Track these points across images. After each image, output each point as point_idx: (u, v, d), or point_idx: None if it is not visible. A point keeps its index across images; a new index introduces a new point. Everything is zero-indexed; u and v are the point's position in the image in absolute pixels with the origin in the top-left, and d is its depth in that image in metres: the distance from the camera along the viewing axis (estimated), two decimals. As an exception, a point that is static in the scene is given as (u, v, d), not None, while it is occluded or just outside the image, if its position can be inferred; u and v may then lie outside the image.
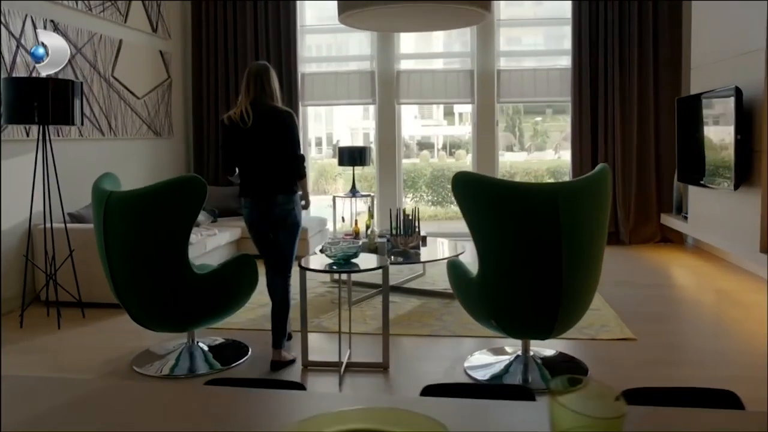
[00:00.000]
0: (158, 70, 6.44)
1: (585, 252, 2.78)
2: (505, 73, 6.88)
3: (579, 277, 2.79)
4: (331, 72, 7.20)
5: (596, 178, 2.83)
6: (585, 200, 2.75)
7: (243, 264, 3.27)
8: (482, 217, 2.78)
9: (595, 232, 2.82)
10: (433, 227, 7.99)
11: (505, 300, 2.87)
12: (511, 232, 2.75)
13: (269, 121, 3.28)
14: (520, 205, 2.72)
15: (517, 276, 2.80)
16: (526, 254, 2.75)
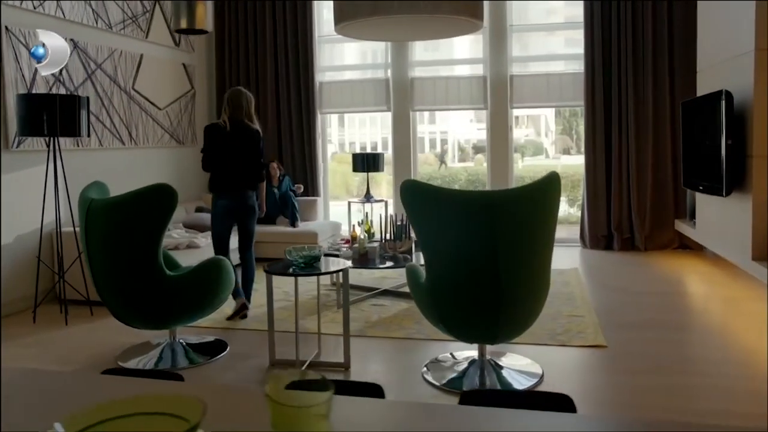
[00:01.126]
0: (181, 81, 6.78)
1: (525, 259, 2.83)
2: (517, 79, 6.88)
3: (519, 283, 2.84)
4: (347, 80, 7.39)
5: (536, 187, 2.87)
6: (524, 208, 2.80)
7: (216, 267, 3.47)
8: (425, 224, 2.87)
9: (537, 239, 2.86)
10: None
11: (448, 305, 2.95)
12: (451, 238, 2.83)
13: (242, 133, 4.19)
14: (459, 212, 2.79)
15: (458, 282, 2.87)
16: (465, 260, 2.83)
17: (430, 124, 10.00)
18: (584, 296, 4.73)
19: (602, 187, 6.62)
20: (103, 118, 5.58)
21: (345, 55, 7.81)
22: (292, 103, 7.23)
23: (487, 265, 2.79)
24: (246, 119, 4.25)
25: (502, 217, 2.75)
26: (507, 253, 2.77)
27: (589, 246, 6.72)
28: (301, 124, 7.25)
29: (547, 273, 3.00)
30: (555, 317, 4.20)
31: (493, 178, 7.13)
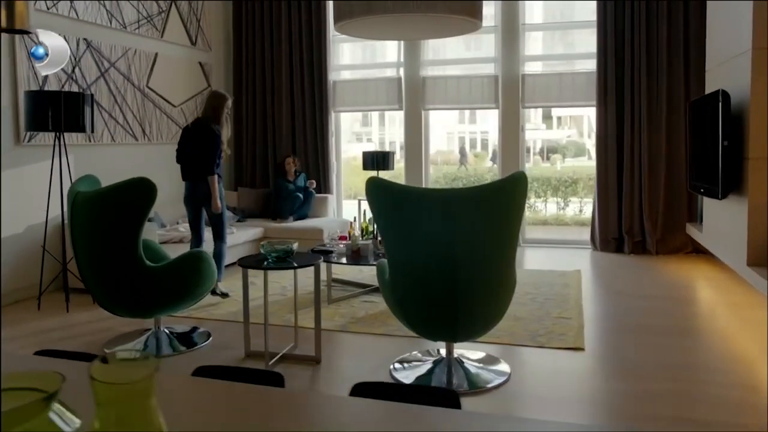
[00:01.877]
0: (197, 79, 6.96)
1: (484, 257, 2.83)
2: (529, 78, 6.81)
3: (477, 282, 2.84)
4: (360, 79, 7.44)
5: (499, 186, 2.86)
6: (485, 206, 2.80)
7: (196, 260, 3.58)
8: (387, 221, 2.90)
9: (498, 238, 2.86)
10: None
11: (409, 302, 2.97)
12: (411, 235, 2.85)
13: (199, 132, 4.67)
14: (418, 209, 2.81)
15: (417, 279, 2.89)
16: (423, 258, 2.85)
17: (470, 123, 10.01)
18: (579, 299, 4.67)
19: (614, 189, 6.50)
20: (115, 115, 5.78)
21: (358, 54, 7.87)
22: (306, 101, 7.33)
23: (444, 263, 2.81)
24: (211, 120, 4.69)
25: (460, 215, 2.76)
26: (464, 251, 2.78)
27: (599, 248, 6.61)
28: (314, 121, 7.35)
29: (509, 272, 2.99)
30: (541, 318, 4.16)
31: (504, 174, 7.07)
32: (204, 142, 4.64)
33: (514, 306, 4.46)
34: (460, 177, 9.65)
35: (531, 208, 10.28)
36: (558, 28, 6.99)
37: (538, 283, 5.17)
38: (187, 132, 4.79)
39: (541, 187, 10.40)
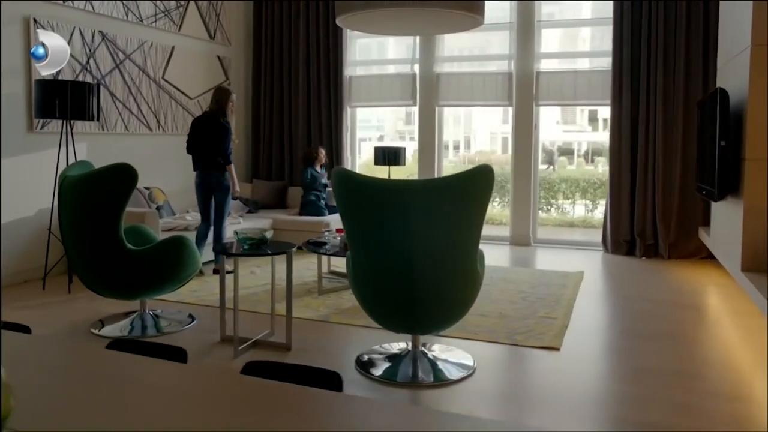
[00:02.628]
0: (215, 72, 7.11)
1: (441, 250, 2.82)
2: (544, 76, 6.71)
3: (433, 274, 2.83)
4: (375, 75, 7.47)
5: (459, 178, 2.85)
6: (441, 199, 2.79)
7: (177, 245, 3.67)
8: (346, 212, 2.92)
9: (457, 231, 2.84)
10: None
11: (369, 294, 2.99)
12: (367, 227, 2.86)
13: (210, 125, 5.03)
14: (377, 200, 2.82)
15: (376, 271, 2.90)
16: (381, 250, 2.86)
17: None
18: (572, 300, 4.59)
19: (626, 190, 6.35)
20: (130, 105, 5.96)
21: (374, 50, 7.90)
22: (322, 96, 7.40)
23: (399, 255, 2.81)
24: (219, 114, 5.06)
25: (416, 207, 2.76)
26: (419, 243, 2.78)
27: (610, 250, 6.47)
28: (329, 116, 7.41)
29: (469, 266, 2.96)
30: (526, 317, 4.11)
31: (515, 177, 7.00)
32: (215, 134, 5.02)
33: (502, 304, 4.42)
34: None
35: (559, 210, 10.17)
36: (573, 25, 6.86)
37: (535, 282, 5.10)
38: (196, 125, 5.10)
39: (569, 189, 10.27)
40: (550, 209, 10.19)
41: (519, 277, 5.31)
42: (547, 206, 10.28)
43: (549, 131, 9.79)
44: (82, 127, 5.44)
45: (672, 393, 2.93)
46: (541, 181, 10.24)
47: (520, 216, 6.97)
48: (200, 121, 5.13)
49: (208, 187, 5.14)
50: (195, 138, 5.11)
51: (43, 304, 4.42)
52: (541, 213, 10.15)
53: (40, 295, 4.65)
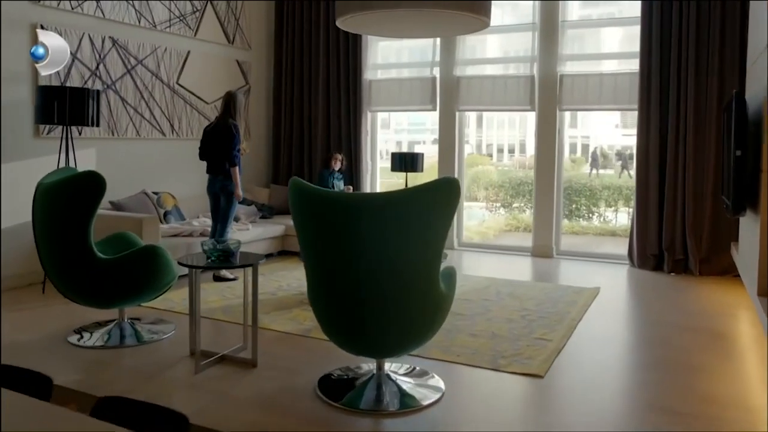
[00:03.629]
0: (234, 77, 7.08)
1: (394, 270, 2.61)
2: (568, 79, 6.37)
3: (386, 296, 2.63)
4: (395, 78, 7.28)
5: (421, 190, 2.64)
6: (396, 214, 2.58)
7: (150, 255, 3.59)
8: (302, 225, 2.76)
9: (416, 249, 2.63)
10: (522, 240, 7.68)
11: (323, 314, 2.81)
12: (320, 242, 2.69)
13: (219, 130, 5.14)
14: (324, 214, 2.64)
15: (326, 290, 2.73)
16: (332, 266, 2.68)
17: (571, 127, 9.82)
18: (577, 320, 4.27)
19: (654, 200, 5.94)
20: (142, 110, 5.98)
21: (395, 53, 7.70)
22: (342, 100, 7.27)
23: (351, 274, 2.63)
24: (227, 117, 5.14)
25: (372, 222, 2.57)
26: (374, 261, 2.59)
27: (636, 265, 6.07)
28: (348, 122, 7.28)
29: (430, 286, 2.74)
30: (518, 338, 3.84)
31: (538, 186, 6.68)
32: (222, 137, 5.11)
33: (498, 322, 4.16)
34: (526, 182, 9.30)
35: (600, 218, 9.73)
36: (599, 26, 6.47)
37: (543, 299, 4.80)
38: (206, 131, 5.26)
39: (612, 196, 9.82)
40: (591, 217, 9.79)
41: (528, 292, 5.02)
42: (588, 214, 9.89)
43: (608, 136, 9.58)
44: (90, 132, 5.48)
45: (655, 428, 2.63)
46: (581, 187, 9.88)
47: (542, 226, 6.64)
48: (210, 127, 5.26)
49: (214, 191, 5.23)
50: (205, 144, 5.24)
51: (34, 306, 4.44)
52: (582, 221, 9.76)
53: (38, 299, 4.69)
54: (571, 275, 5.83)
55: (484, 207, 10.20)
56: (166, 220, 5.75)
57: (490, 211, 10.19)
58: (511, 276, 5.65)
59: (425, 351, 3.51)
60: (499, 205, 10.34)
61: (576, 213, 9.92)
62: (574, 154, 10.37)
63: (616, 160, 9.87)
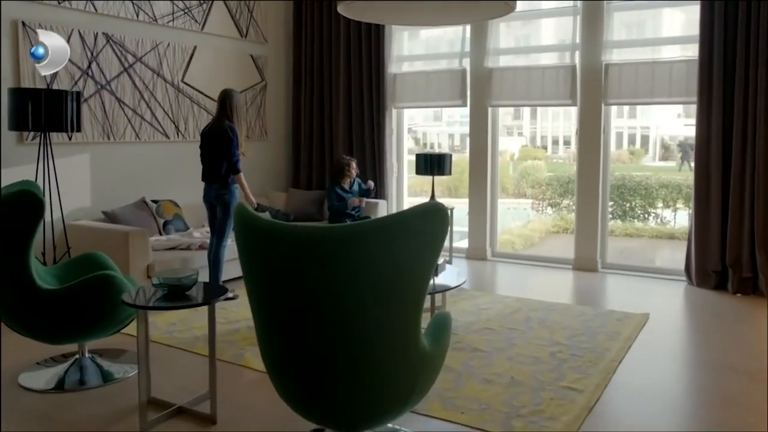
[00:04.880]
0: (248, 73, 6.58)
1: (361, 324, 2.00)
2: (614, 68, 5.56)
3: (353, 356, 2.03)
4: (421, 71, 6.62)
5: (400, 220, 2.01)
6: (368, 253, 1.98)
7: (101, 285, 3.09)
8: (244, 261, 2.18)
9: (386, 296, 2.01)
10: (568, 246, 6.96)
11: (271, 369, 2.23)
12: (267, 286, 2.11)
13: (214, 133, 4.59)
14: (274, 253, 2.06)
15: (277, 345, 2.14)
16: (280, 317, 2.09)
17: (630, 118, 9.23)
18: (618, 359, 3.56)
19: (716, 207, 5.10)
20: (142, 112, 5.54)
21: (420, 44, 7.03)
22: (364, 97, 6.67)
23: (303, 328, 2.04)
24: (223, 118, 4.58)
25: (328, 264, 1.97)
26: (332, 313, 1.99)
27: (695, 283, 5.24)
28: (372, 119, 6.67)
29: (411, 344, 2.11)
30: (541, 387, 3.16)
31: (580, 190, 5.91)
32: (218, 141, 4.55)
33: (521, 362, 3.49)
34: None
35: (657, 219, 8.88)
36: (651, 7, 5.63)
37: (580, 329, 4.09)
38: (203, 134, 4.71)
39: (670, 195, 8.94)
40: (647, 218, 8.96)
41: (562, 319, 4.31)
42: (644, 215, 9.06)
43: (670, 126, 9.14)
44: (83, 137, 5.07)
45: None
46: (635, 186, 9.02)
47: (585, 235, 5.87)
48: (206, 130, 4.72)
49: (210, 200, 4.69)
50: (203, 148, 4.70)
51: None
52: (637, 222, 8.94)
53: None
54: (617, 295, 5.07)
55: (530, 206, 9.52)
56: (165, 230, 5.30)
57: (536, 211, 9.48)
58: (545, 296, 4.94)
59: (422, 403, 2.89)
60: (546, 204, 9.65)
61: (630, 213, 9.13)
62: (633, 145, 9.74)
63: (678, 152, 9.16)
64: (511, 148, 9.71)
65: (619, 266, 5.89)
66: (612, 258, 6.00)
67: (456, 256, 6.47)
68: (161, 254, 4.84)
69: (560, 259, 6.15)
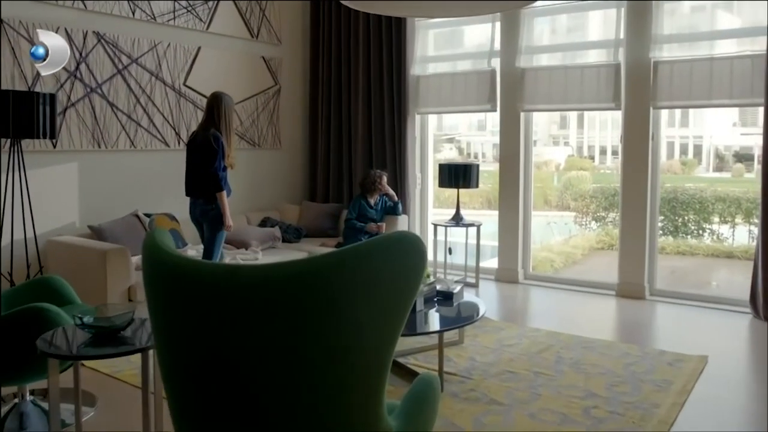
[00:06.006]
0: (260, 76, 6.11)
1: (302, 401, 1.42)
2: (665, 66, 4.84)
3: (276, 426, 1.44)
4: (447, 73, 6.00)
5: (350, 257, 1.42)
6: (313, 301, 1.39)
7: (27, 319, 2.57)
8: (151, 307, 1.62)
9: (338, 363, 1.42)
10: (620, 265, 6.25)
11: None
12: (176, 340, 1.54)
13: (197, 142, 4.07)
14: (187, 300, 1.49)
15: (188, 413, 1.57)
16: (194, 380, 1.52)
17: (681, 127, 8.59)
18: (666, 421, 2.86)
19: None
20: (137, 117, 5.10)
21: (445, 42, 6.42)
22: (385, 101, 6.11)
23: (225, 397, 1.46)
24: (212, 127, 4.05)
25: (254, 318, 1.39)
26: (265, 383, 1.41)
27: (762, 315, 4.46)
28: (393, 125, 6.10)
29: (372, 423, 1.51)
30: (570, 458, 2.50)
31: (624, 205, 5.19)
32: (201, 152, 4.04)
33: (545, 420, 2.83)
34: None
35: (713, 235, 8.05)
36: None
37: (621, 374, 3.39)
38: (188, 143, 4.22)
39: (728, 209, 8.10)
40: (702, 234, 8.14)
41: (601, 360, 3.62)
42: (698, 231, 8.25)
43: (725, 135, 8.38)
44: (69, 144, 4.66)
45: None
46: (689, 199, 8.22)
47: (631, 256, 5.14)
48: (191, 138, 4.22)
49: (195, 216, 4.21)
50: (187, 160, 4.20)
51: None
52: (690, 239, 8.13)
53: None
54: (668, 331, 4.33)
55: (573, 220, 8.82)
56: (158, 247, 4.82)
57: (579, 225, 8.77)
58: (583, 329, 4.24)
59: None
60: (590, 218, 8.93)
61: (682, 229, 8.33)
62: (685, 155, 9.04)
63: (733, 163, 8.40)
64: (557, 158, 9.20)
65: (670, 293, 5.13)
66: (662, 282, 5.25)
67: (484, 277, 5.81)
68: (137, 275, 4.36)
69: (602, 283, 5.42)
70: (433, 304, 3.67)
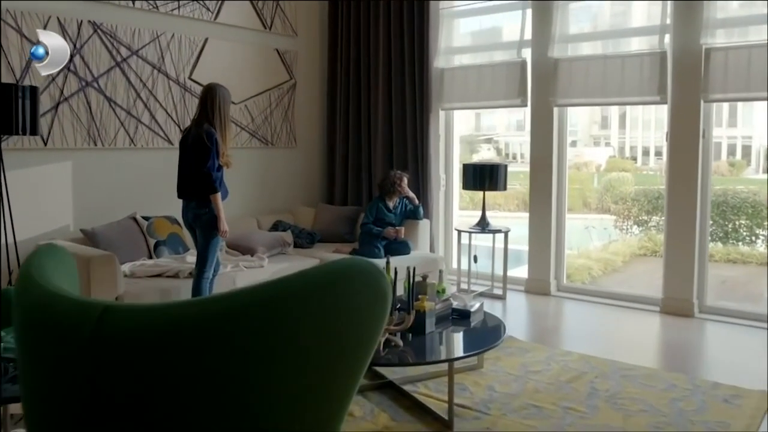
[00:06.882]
0: (273, 70, 5.73)
1: None
2: (718, 54, 4.27)
3: None
4: (473, 65, 5.52)
5: (287, 297, 0.99)
6: (241, 356, 0.96)
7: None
8: (19, 344, 1.21)
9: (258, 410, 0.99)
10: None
11: None
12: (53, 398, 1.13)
13: (189, 138, 3.72)
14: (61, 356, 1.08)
15: None
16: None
17: (729, 127, 8.20)
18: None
19: None
20: (138, 113, 4.77)
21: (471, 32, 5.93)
22: (407, 97, 5.66)
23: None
24: (205, 122, 3.69)
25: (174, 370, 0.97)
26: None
27: (833, 340, 3.87)
28: (415, 122, 5.65)
29: None
30: None
31: (670, 211, 4.63)
32: (192, 149, 3.70)
33: (573, 474, 2.34)
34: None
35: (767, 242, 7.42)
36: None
37: (668, 412, 2.87)
38: (181, 140, 3.89)
39: None
40: (755, 241, 7.50)
41: (642, 394, 3.10)
42: (751, 237, 7.61)
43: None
44: (62, 142, 4.35)
45: None
46: (740, 203, 7.59)
47: (677, 266, 4.58)
48: (183, 134, 3.89)
49: (187, 221, 3.88)
50: (180, 158, 3.87)
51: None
52: (741, 246, 7.50)
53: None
54: (722, 357, 3.77)
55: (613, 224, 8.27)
56: (157, 253, 4.48)
57: (620, 230, 8.21)
58: (621, 353, 3.71)
59: None
60: (631, 222, 8.36)
61: (733, 235, 7.68)
62: (733, 156, 8.43)
63: None
64: (598, 158, 8.84)
65: (723, 311, 4.54)
66: (713, 296, 4.67)
67: (513, 288, 5.31)
68: (141, 283, 4.01)
69: (644, 297, 4.87)
70: (448, 323, 3.23)
